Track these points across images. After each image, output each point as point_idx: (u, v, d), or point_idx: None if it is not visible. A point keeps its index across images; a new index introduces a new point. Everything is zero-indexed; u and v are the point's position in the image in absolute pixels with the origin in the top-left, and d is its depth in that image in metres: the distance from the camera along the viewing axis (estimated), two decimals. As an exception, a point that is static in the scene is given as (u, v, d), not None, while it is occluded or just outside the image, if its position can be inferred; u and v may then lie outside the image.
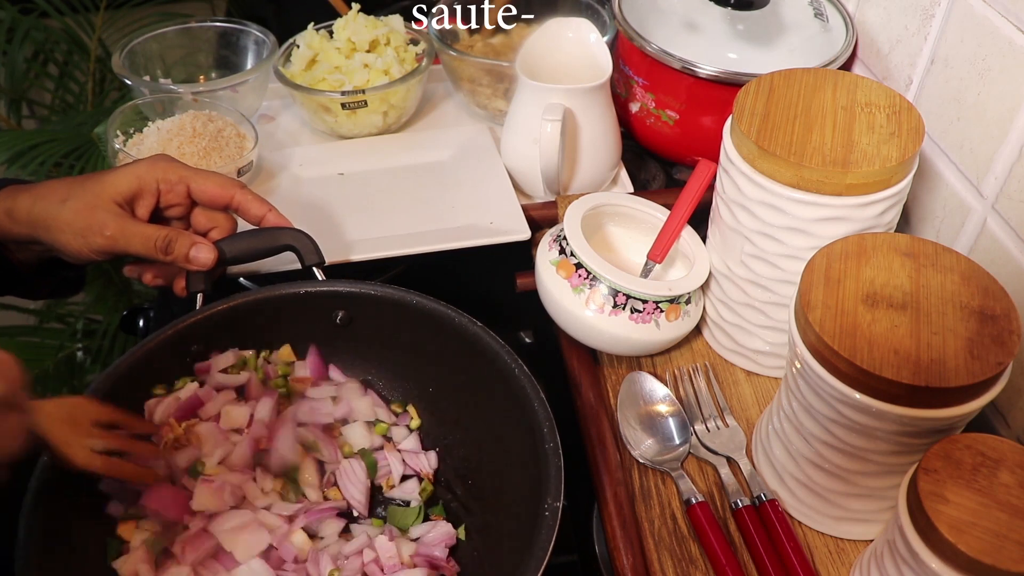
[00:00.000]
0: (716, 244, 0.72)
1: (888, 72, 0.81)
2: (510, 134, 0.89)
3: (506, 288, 0.81)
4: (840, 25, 0.88)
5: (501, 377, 0.62)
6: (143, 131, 0.90)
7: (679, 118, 0.89)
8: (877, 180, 0.61)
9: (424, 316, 0.66)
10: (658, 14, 0.94)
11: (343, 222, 0.85)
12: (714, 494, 0.65)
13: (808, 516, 0.63)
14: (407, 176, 0.92)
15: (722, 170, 0.68)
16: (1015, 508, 0.47)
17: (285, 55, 0.98)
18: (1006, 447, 0.50)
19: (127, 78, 0.95)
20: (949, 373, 0.49)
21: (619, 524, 0.61)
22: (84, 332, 1.69)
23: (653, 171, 0.97)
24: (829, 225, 0.62)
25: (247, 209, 0.71)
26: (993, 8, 0.65)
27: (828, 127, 0.63)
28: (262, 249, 0.70)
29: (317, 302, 0.68)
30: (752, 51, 0.94)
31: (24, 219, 0.67)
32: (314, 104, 0.94)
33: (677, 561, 0.60)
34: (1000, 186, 0.66)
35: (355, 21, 0.97)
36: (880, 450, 0.55)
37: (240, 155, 0.88)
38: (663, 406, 0.70)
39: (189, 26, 1.04)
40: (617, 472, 0.64)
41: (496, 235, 0.80)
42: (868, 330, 0.52)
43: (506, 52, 1.01)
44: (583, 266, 0.69)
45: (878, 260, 0.56)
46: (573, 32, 0.89)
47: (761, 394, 0.72)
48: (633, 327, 0.69)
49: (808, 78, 0.68)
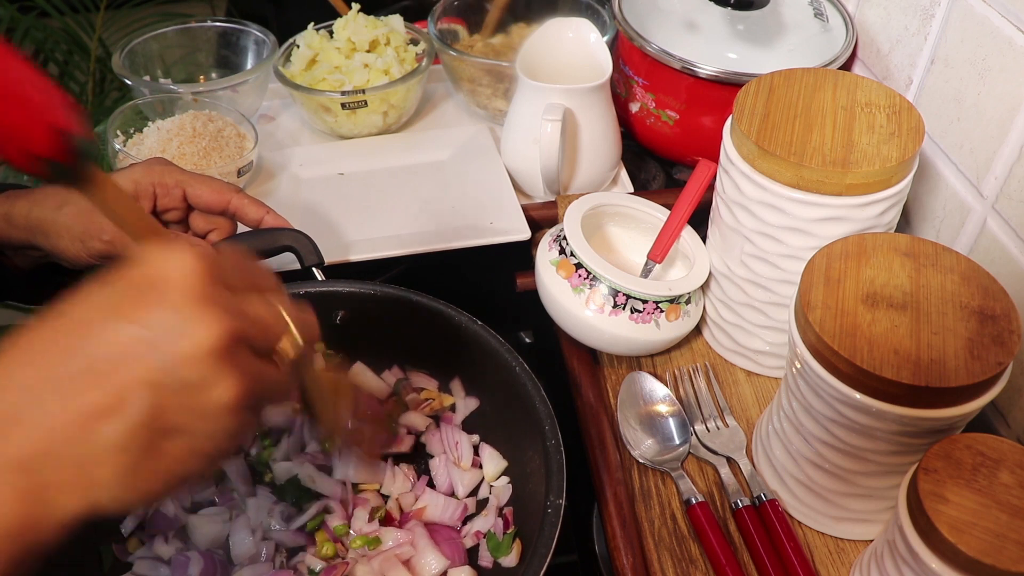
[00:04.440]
0: (716, 244, 0.72)
1: (888, 72, 0.81)
2: (510, 134, 0.89)
3: (506, 288, 0.81)
4: (840, 25, 0.88)
5: (502, 375, 0.62)
6: (143, 131, 0.90)
7: (679, 118, 0.89)
8: (877, 180, 0.61)
9: (425, 315, 0.66)
10: (658, 14, 0.94)
11: (343, 222, 0.85)
12: (714, 494, 0.65)
13: (808, 516, 0.63)
14: (407, 176, 0.92)
15: (722, 170, 0.68)
16: (1015, 508, 0.47)
17: (285, 55, 0.98)
18: (1006, 447, 0.50)
19: (127, 78, 0.95)
20: (949, 373, 0.49)
21: (619, 524, 0.61)
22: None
23: (653, 171, 0.97)
24: (829, 225, 0.62)
25: (244, 213, 0.71)
26: (993, 8, 0.65)
27: (828, 127, 0.63)
28: (261, 250, 0.70)
29: (317, 302, 0.68)
30: (752, 51, 0.93)
31: (22, 224, 0.67)
32: (314, 104, 0.94)
33: (677, 561, 0.60)
34: (1000, 186, 0.66)
35: (355, 21, 0.97)
36: (880, 450, 0.55)
37: (240, 155, 0.88)
38: (663, 406, 0.70)
39: (189, 26, 1.04)
40: (617, 472, 0.64)
41: (496, 235, 0.80)
42: (868, 330, 0.52)
43: (506, 52, 1.01)
44: (583, 266, 0.69)
45: (878, 260, 0.56)
46: (573, 32, 0.89)
47: (761, 394, 0.72)
48: (633, 327, 0.69)
49: (808, 78, 0.68)
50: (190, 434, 0.36)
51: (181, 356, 0.34)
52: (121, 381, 0.34)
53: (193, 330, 0.35)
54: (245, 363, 0.37)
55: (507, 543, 0.60)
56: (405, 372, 0.71)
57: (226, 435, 0.37)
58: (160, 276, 0.35)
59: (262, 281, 0.41)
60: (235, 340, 0.36)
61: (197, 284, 0.35)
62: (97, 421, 0.34)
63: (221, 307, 0.35)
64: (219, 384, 0.35)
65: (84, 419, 0.34)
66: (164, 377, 0.34)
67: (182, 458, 0.36)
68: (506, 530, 0.61)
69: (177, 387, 0.35)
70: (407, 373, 0.71)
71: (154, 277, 0.35)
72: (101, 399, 0.34)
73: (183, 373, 0.35)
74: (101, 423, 0.34)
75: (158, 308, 0.35)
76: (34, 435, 0.34)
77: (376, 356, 0.71)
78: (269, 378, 0.39)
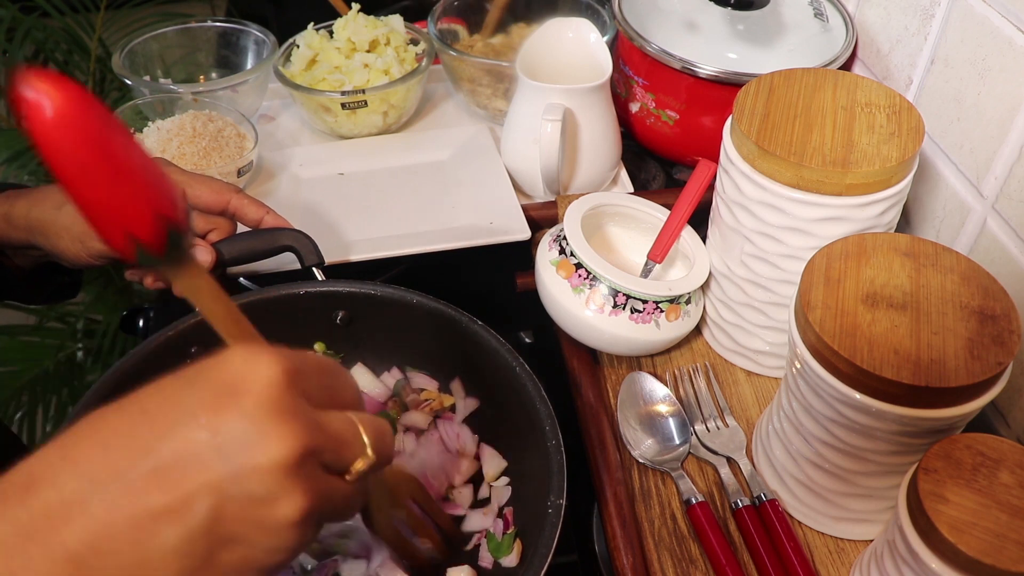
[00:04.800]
0: (716, 244, 0.72)
1: (888, 72, 0.81)
2: (510, 134, 0.89)
3: (506, 288, 0.81)
4: (840, 25, 0.88)
5: (502, 375, 0.62)
6: (143, 131, 0.90)
7: (679, 118, 0.89)
8: (877, 180, 0.61)
9: (425, 315, 0.66)
10: (658, 14, 0.94)
11: (343, 222, 0.85)
12: (714, 494, 0.65)
13: (808, 516, 0.63)
14: (407, 176, 0.92)
15: (722, 170, 0.68)
16: (1015, 508, 0.47)
17: (285, 55, 0.98)
18: (1006, 447, 0.50)
19: (127, 78, 0.95)
20: (949, 373, 0.49)
21: (619, 524, 0.61)
22: (84, 332, 1.69)
23: (653, 171, 0.97)
24: (829, 225, 0.62)
25: (243, 214, 0.71)
26: (993, 8, 0.65)
27: (828, 127, 0.63)
28: (261, 250, 0.70)
29: (317, 302, 0.68)
30: (752, 51, 0.93)
31: (22, 224, 0.67)
32: (314, 104, 0.94)
33: (677, 561, 0.60)
34: (1000, 186, 0.66)
35: (355, 21, 0.97)
36: (880, 450, 0.55)
37: (240, 155, 0.88)
38: (663, 406, 0.70)
39: (189, 26, 1.04)
40: (617, 472, 0.64)
41: (496, 235, 0.80)
42: (868, 330, 0.52)
43: (506, 52, 1.01)
44: (583, 266, 0.69)
45: (878, 260, 0.56)
46: (573, 32, 0.89)
47: (761, 394, 0.72)
48: (633, 327, 0.69)
49: (808, 78, 0.68)
50: (249, 546, 0.35)
51: (251, 467, 0.33)
52: (187, 486, 0.33)
53: (266, 442, 0.34)
54: (315, 480, 0.36)
55: (507, 543, 0.60)
56: (405, 373, 0.71)
57: (286, 550, 0.36)
58: (241, 381, 0.34)
59: (344, 395, 0.40)
60: (308, 456, 0.35)
61: (276, 394, 0.34)
62: (158, 523, 0.33)
63: (298, 420, 0.34)
64: (286, 499, 0.34)
65: (145, 519, 0.33)
66: (230, 486, 0.33)
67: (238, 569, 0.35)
68: (506, 530, 0.61)
69: (243, 498, 0.34)
70: (407, 374, 0.71)
71: (234, 381, 0.34)
72: (165, 501, 0.33)
73: (251, 485, 0.34)
74: (162, 525, 0.33)
75: (233, 415, 0.34)
76: (93, 528, 0.32)
77: (376, 356, 0.71)
78: (338, 496, 0.38)
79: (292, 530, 0.35)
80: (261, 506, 0.34)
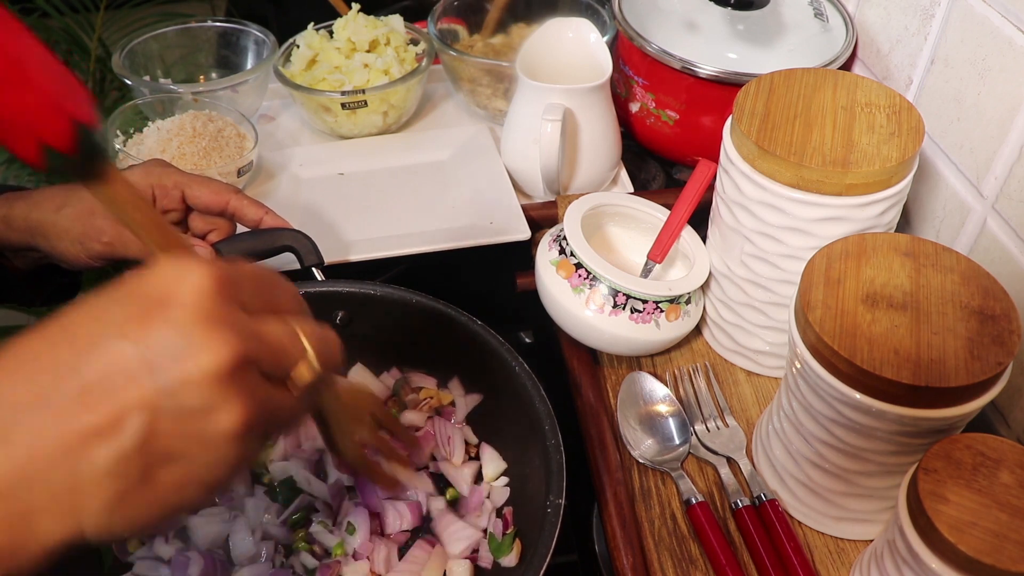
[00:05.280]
0: (716, 244, 0.72)
1: (888, 72, 0.81)
2: (510, 134, 0.89)
3: (506, 288, 0.81)
4: (840, 25, 0.88)
5: (502, 375, 0.62)
6: (143, 131, 0.90)
7: (679, 118, 0.89)
8: (877, 180, 0.61)
9: (425, 315, 0.66)
10: (658, 14, 0.94)
11: (343, 222, 0.85)
12: (714, 494, 0.65)
13: (808, 516, 0.63)
14: (407, 176, 0.92)
15: (722, 170, 0.68)
16: (1015, 508, 0.47)
17: (285, 55, 0.98)
18: (1006, 447, 0.50)
19: (127, 78, 0.95)
20: (949, 373, 0.49)
21: (619, 524, 0.61)
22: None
23: (653, 171, 0.97)
24: (829, 225, 0.62)
25: (243, 214, 0.71)
26: (993, 8, 0.65)
27: (828, 127, 0.63)
28: (261, 250, 0.70)
29: (317, 302, 0.68)
30: (752, 51, 0.93)
31: (21, 226, 0.67)
32: (314, 104, 0.94)
33: (677, 561, 0.60)
34: (1000, 186, 0.66)
35: (355, 21, 0.97)
36: (880, 450, 0.55)
37: (240, 155, 0.88)
38: (663, 406, 0.70)
39: (189, 26, 1.04)
40: (617, 472, 0.64)
41: (496, 235, 0.80)
42: (868, 330, 0.52)
43: (506, 52, 1.01)
44: (583, 266, 0.69)
45: (878, 260, 0.56)
46: (573, 32, 0.89)
47: (761, 394, 0.72)
48: (633, 327, 0.69)
49: (808, 78, 0.68)
50: (188, 462, 0.33)
51: (183, 379, 0.32)
52: (117, 403, 0.32)
53: (198, 352, 0.32)
54: (253, 388, 0.34)
55: (507, 543, 0.60)
56: (404, 373, 0.71)
57: (227, 464, 0.34)
58: (168, 292, 0.33)
59: (283, 301, 0.38)
60: (243, 364, 0.33)
61: (207, 302, 0.33)
62: (88, 445, 0.32)
63: (231, 328, 0.33)
64: (222, 410, 0.33)
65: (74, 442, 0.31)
66: (163, 401, 0.32)
67: (178, 487, 0.34)
68: (506, 530, 0.61)
69: (177, 412, 0.32)
70: (406, 374, 0.71)
71: (161, 293, 0.33)
72: (94, 421, 0.32)
73: (184, 397, 0.32)
74: (92, 447, 0.32)
75: (162, 327, 0.32)
76: (19, 457, 0.31)
77: (376, 356, 0.71)
78: (278, 405, 0.36)
79: (232, 442, 0.34)
80: (197, 419, 0.33)
